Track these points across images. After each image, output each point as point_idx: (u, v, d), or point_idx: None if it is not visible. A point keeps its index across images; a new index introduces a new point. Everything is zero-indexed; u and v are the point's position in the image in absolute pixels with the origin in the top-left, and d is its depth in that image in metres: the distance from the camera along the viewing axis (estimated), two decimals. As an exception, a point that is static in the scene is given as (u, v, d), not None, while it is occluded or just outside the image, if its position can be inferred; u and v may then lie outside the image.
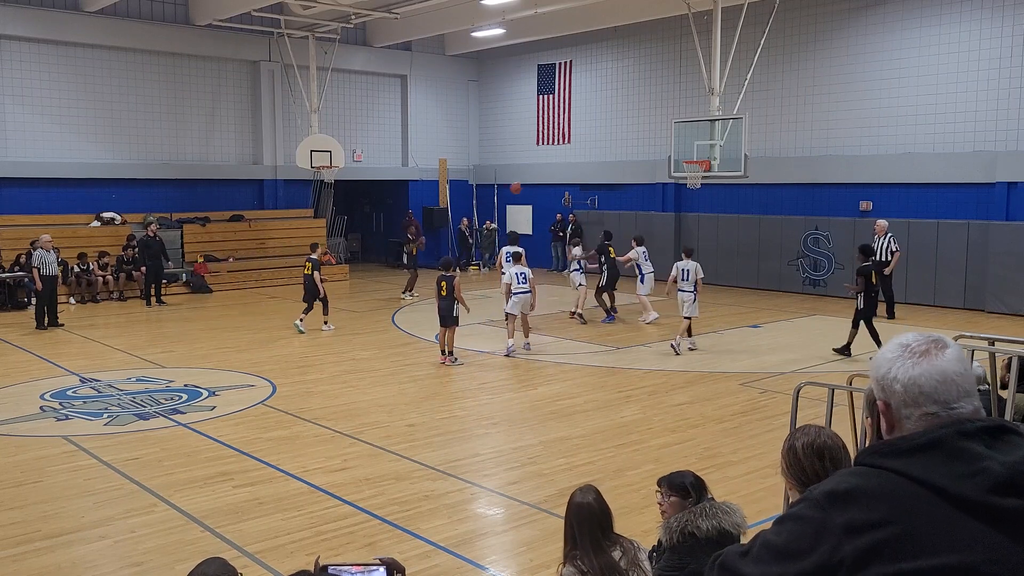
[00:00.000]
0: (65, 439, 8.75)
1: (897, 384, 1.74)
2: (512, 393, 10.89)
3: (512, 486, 7.41)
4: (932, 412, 1.70)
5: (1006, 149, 17.08)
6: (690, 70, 21.30)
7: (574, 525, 3.82)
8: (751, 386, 11.02)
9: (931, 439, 1.67)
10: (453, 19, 22.40)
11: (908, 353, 1.75)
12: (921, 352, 1.74)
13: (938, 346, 1.75)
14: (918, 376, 1.72)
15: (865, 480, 1.68)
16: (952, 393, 1.70)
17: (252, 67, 23.98)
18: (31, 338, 14.68)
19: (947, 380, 1.71)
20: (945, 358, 1.73)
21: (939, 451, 1.65)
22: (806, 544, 1.66)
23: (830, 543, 1.63)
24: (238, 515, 6.65)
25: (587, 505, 3.84)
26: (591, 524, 3.79)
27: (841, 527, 1.63)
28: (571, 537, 3.83)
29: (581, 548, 3.75)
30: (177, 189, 22.86)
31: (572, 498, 3.93)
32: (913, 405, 1.72)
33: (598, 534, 3.79)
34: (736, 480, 7.43)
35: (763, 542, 1.76)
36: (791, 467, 2.85)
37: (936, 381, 1.71)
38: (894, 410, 1.76)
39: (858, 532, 1.61)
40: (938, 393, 1.70)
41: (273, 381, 11.35)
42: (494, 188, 27.73)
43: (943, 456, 1.64)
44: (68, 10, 20.71)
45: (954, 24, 17.62)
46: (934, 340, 1.76)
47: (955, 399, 1.70)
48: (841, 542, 1.62)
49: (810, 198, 20.20)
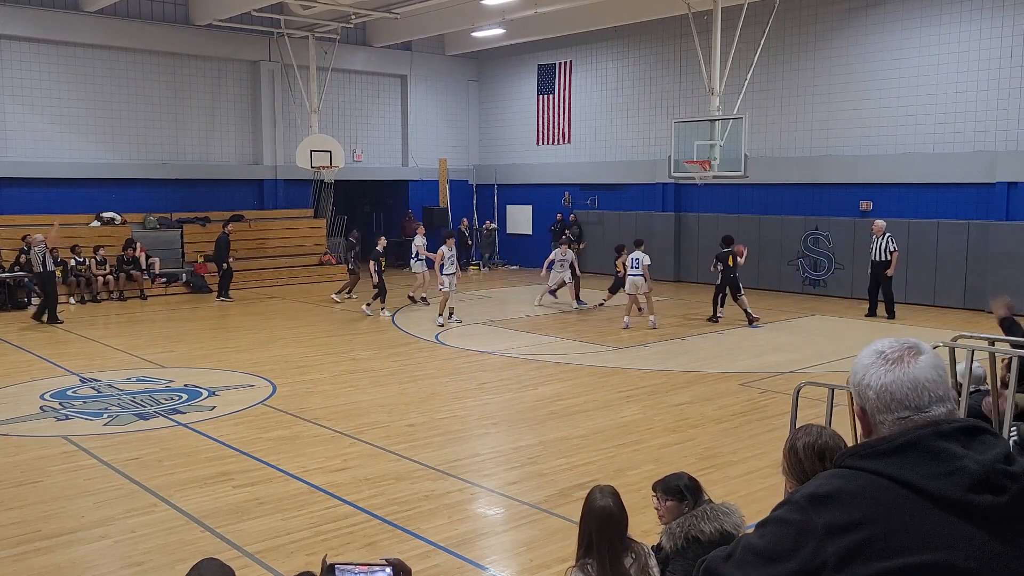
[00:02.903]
0: (65, 439, 8.75)
1: (870, 391, 1.77)
2: (512, 393, 10.88)
3: (512, 486, 7.40)
4: (905, 416, 1.74)
5: (1006, 149, 17.08)
6: (690, 70, 21.30)
7: (591, 529, 3.67)
8: (751, 386, 11.02)
9: (908, 440, 1.70)
10: (453, 19, 22.40)
11: (882, 360, 1.78)
12: (895, 359, 1.77)
13: (912, 353, 1.77)
14: (890, 383, 1.75)
15: (845, 482, 1.70)
16: (924, 399, 1.73)
17: (252, 67, 23.99)
18: (31, 338, 14.68)
19: (919, 387, 1.74)
20: (918, 365, 1.75)
21: (916, 452, 1.68)
22: (788, 546, 1.68)
23: (812, 545, 1.65)
24: (238, 515, 6.64)
25: (607, 509, 3.69)
26: (610, 531, 3.65)
27: (823, 528, 1.65)
28: (586, 540, 3.69)
29: (598, 555, 3.62)
30: (177, 189, 22.87)
31: (592, 500, 3.76)
32: (886, 411, 1.75)
33: (616, 541, 3.66)
34: (736, 480, 7.42)
35: (746, 545, 1.78)
36: (792, 467, 2.86)
37: (908, 388, 1.74)
38: (869, 415, 1.79)
39: (840, 533, 1.64)
40: (909, 400, 1.74)
41: (273, 381, 11.34)
42: (494, 188, 27.73)
43: (920, 456, 1.67)
44: (68, 10, 20.71)
45: (954, 24, 17.62)
46: (909, 347, 1.78)
47: (927, 404, 1.73)
48: (823, 543, 1.64)
49: (810, 198, 20.19)
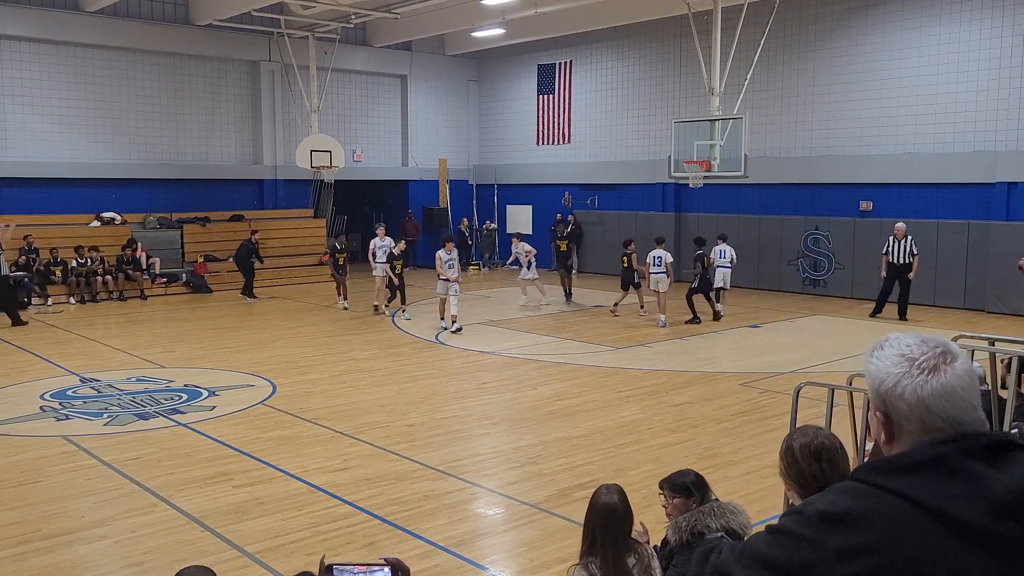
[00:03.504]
0: (65, 439, 8.75)
1: (902, 403, 1.66)
2: (512, 393, 10.88)
3: (512, 486, 7.41)
4: (938, 429, 1.64)
5: (1006, 149, 17.07)
6: (690, 70, 21.30)
7: (596, 527, 3.68)
8: (751, 386, 11.02)
9: (932, 456, 1.61)
10: (453, 19, 22.40)
11: (916, 369, 1.65)
12: (930, 368, 1.64)
13: (945, 359, 1.66)
14: (927, 396, 1.63)
15: (860, 501, 1.63)
16: (960, 410, 1.64)
17: (252, 67, 23.98)
18: (31, 338, 14.68)
19: (956, 399, 1.64)
20: (955, 374, 1.64)
21: (939, 470, 1.60)
22: (798, 563, 1.64)
23: (822, 568, 1.61)
24: (238, 515, 6.64)
25: (612, 506, 3.70)
26: (614, 528, 3.66)
27: (833, 552, 1.61)
28: (590, 537, 3.70)
29: (601, 552, 3.63)
30: (177, 189, 22.87)
31: (597, 497, 3.77)
32: (918, 424, 1.65)
33: (620, 539, 3.67)
34: (736, 480, 7.42)
35: (754, 551, 1.73)
36: (789, 468, 2.85)
37: (946, 402, 1.63)
38: (895, 423, 1.69)
39: (851, 557, 1.59)
40: (946, 413, 1.63)
41: (273, 381, 11.34)
42: (494, 188, 27.73)
43: (943, 476, 1.59)
44: (68, 10, 20.70)
45: (954, 24, 17.61)
46: (941, 352, 1.66)
47: (962, 415, 1.64)
48: (832, 567, 1.60)
49: (810, 198, 20.19)
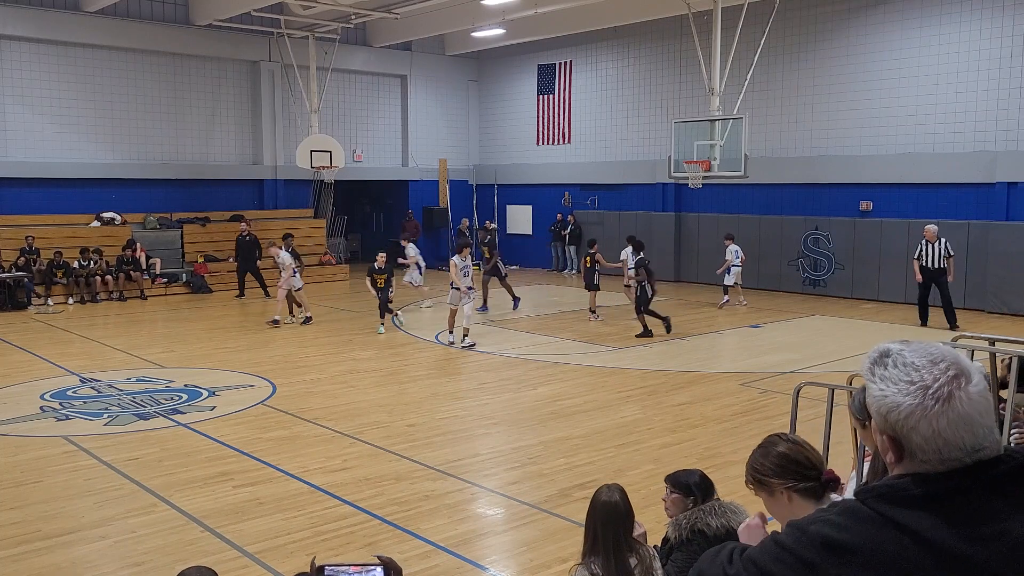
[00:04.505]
0: (65, 439, 8.75)
1: (916, 435, 1.54)
2: (512, 393, 10.88)
3: (512, 486, 7.41)
4: (955, 459, 1.53)
5: (1006, 149, 17.07)
6: (690, 70, 21.29)
7: (597, 525, 3.70)
8: (751, 386, 11.02)
9: (947, 489, 1.52)
10: (453, 19, 22.40)
11: (930, 398, 1.52)
12: (944, 397, 1.52)
13: (959, 383, 1.53)
14: (943, 429, 1.51)
15: (864, 534, 1.54)
16: (978, 436, 1.53)
17: (252, 67, 23.98)
18: (31, 338, 14.68)
19: (973, 425, 1.52)
20: (971, 400, 1.52)
21: (954, 505, 1.50)
22: None
23: None
24: (238, 515, 6.64)
25: (613, 505, 3.72)
26: (615, 526, 3.68)
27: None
28: (591, 536, 3.72)
29: (603, 551, 3.64)
30: (177, 189, 22.86)
31: (598, 496, 3.80)
32: (933, 453, 1.54)
33: (621, 537, 3.68)
34: (736, 480, 7.36)
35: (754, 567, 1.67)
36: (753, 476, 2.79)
37: (963, 431, 1.52)
38: (907, 450, 1.57)
39: None
40: (964, 441, 1.52)
41: (273, 381, 11.34)
42: (494, 188, 27.73)
43: (959, 511, 1.50)
44: (68, 10, 20.70)
45: (954, 24, 17.62)
46: (952, 375, 1.53)
47: (980, 442, 1.53)
48: None
49: (810, 198, 20.19)
